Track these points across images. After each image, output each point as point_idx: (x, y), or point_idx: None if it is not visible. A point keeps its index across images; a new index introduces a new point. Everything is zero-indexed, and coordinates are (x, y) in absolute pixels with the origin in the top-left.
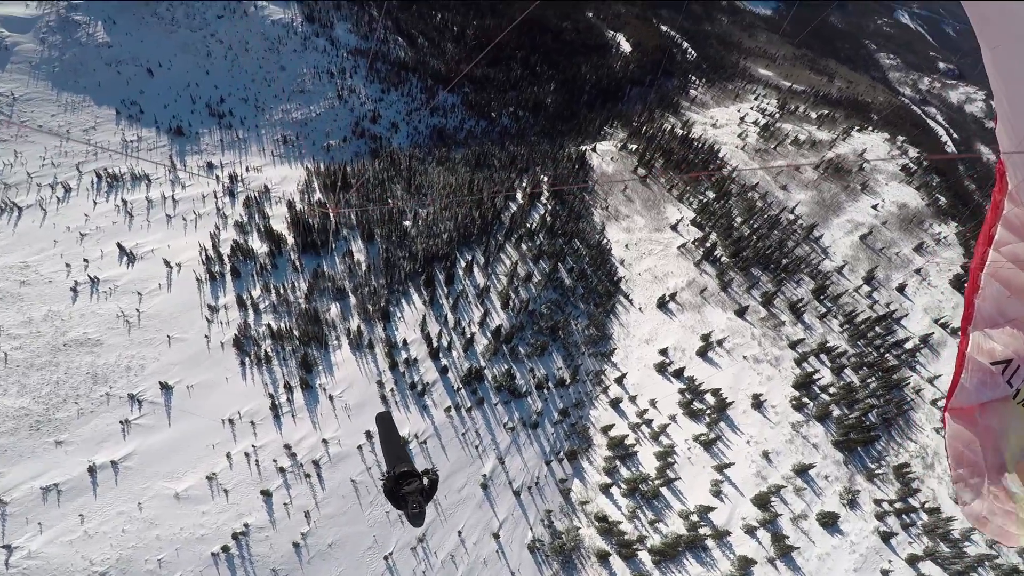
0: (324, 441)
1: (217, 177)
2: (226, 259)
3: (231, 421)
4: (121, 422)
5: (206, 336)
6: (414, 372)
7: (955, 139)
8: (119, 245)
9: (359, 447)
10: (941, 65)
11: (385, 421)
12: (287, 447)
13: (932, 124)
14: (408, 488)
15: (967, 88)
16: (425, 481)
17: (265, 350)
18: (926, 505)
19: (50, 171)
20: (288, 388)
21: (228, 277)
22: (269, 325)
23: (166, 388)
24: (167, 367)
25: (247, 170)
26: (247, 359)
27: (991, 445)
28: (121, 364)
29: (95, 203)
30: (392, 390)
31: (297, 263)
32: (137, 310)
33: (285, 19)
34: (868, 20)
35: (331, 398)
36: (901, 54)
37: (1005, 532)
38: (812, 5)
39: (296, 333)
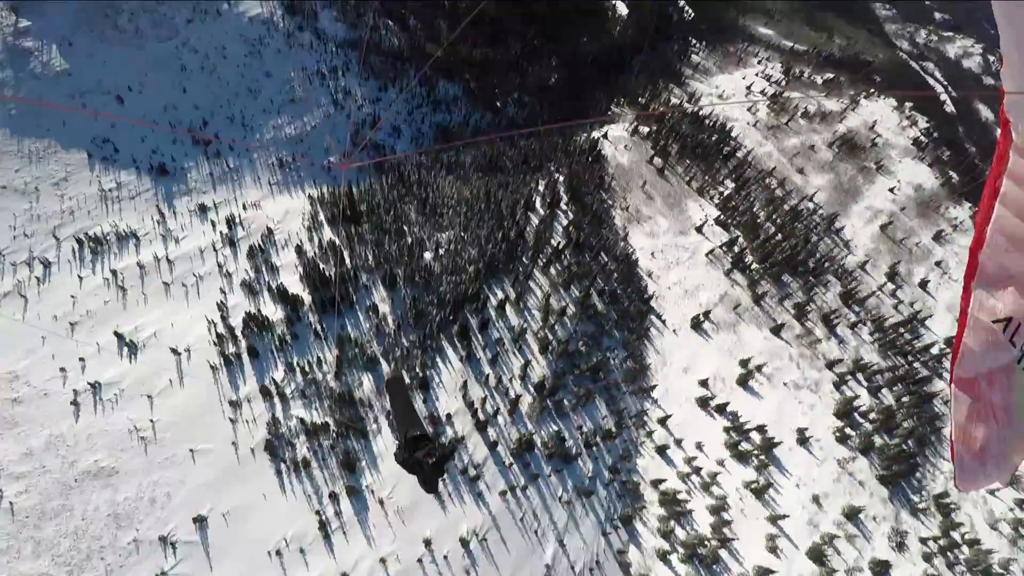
0: (382, 560)
1: (213, 223)
2: (239, 335)
3: (279, 552)
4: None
5: (233, 443)
6: (464, 452)
7: (954, 97)
8: (116, 333)
9: (419, 560)
10: (937, 15)
11: (396, 385)
12: None
13: (932, 82)
14: (421, 451)
15: (964, 41)
16: (438, 447)
17: (302, 453)
18: (966, 537)
19: (23, 243)
20: (333, 498)
21: (245, 359)
22: (301, 419)
23: (200, 521)
24: (196, 492)
25: (244, 208)
26: (283, 465)
27: (999, 418)
28: (144, 496)
29: (80, 278)
30: (444, 479)
31: (319, 328)
32: (151, 420)
33: (264, 14)
34: None
35: (381, 502)
36: (897, 4)
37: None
38: None
39: (331, 423)
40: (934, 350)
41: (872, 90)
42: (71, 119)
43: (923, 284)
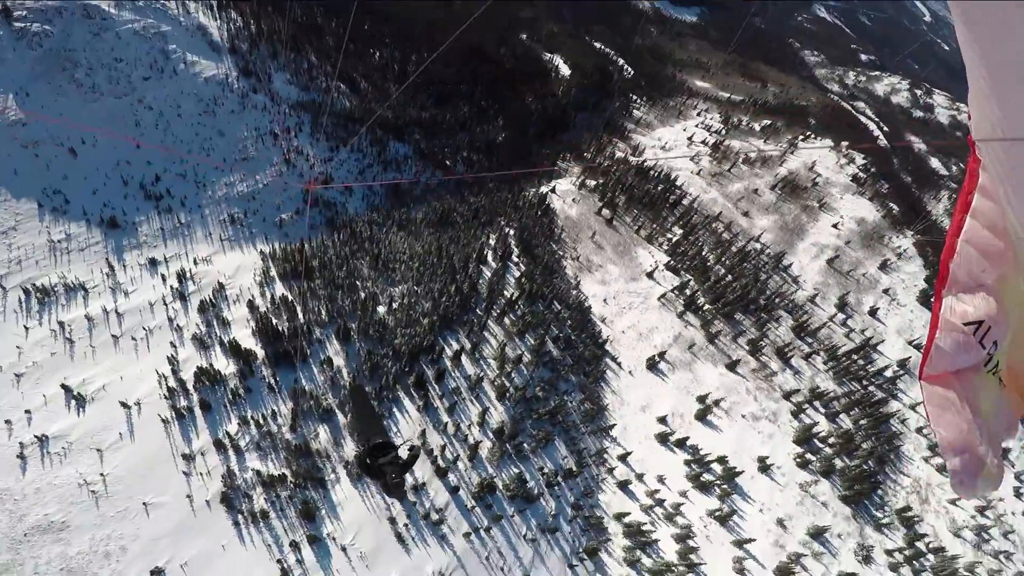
0: None
1: (163, 277)
2: (191, 389)
3: None
4: None
5: (188, 496)
6: (424, 498)
7: (885, 132)
8: (63, 386)
9: None
10: (863, 57)
11: (359, 393)
12: None
13: (864, 120)
14: (384, 459)
15: (891, 79)
16: (403, 453)
17: (259, 504)
18: (931, 546)
19: None
20: (295, 547)
21: (198, 412)
22: (257, 471)
23: (158, 574)
24: (152, 544)
25: (195, 263)
26: (240, 517)
27: (970, 409)
28: (97, 550)
29: (27, 329)
30: (406, 525)
31: (272, 381)
32: (101, 474)
33: (219, 75)
34: (789, 18)
35: (344, 549)
36: (824, 49)
37: (966, 483)
38: (734, 8)
39: (288, 474)
40: (887, 373)
41: (808, 133)
42: (23, 168)
43: (872, 312)
